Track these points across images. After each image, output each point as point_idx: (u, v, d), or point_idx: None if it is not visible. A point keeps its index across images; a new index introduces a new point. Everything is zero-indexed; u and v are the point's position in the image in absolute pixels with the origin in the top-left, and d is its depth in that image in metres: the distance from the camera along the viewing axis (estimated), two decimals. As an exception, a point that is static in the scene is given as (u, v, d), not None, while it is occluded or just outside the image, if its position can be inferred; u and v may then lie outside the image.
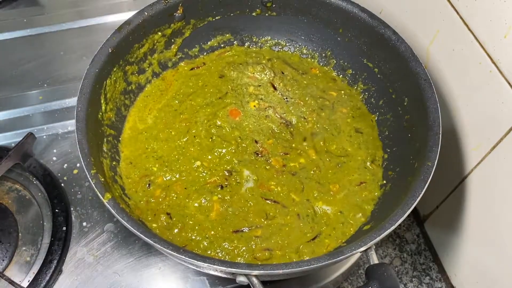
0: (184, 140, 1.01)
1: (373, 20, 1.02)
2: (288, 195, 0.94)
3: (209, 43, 1.17)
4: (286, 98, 1.09)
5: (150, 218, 0.91)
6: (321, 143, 1.02)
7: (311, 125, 1.04)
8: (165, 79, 1.12)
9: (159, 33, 1.07)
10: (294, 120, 1.05)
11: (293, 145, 1.01)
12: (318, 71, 1.15)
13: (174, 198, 0.94)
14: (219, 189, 0.94)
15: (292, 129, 1.04)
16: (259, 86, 1.11)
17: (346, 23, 1.07)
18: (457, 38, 0.94)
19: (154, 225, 0.90)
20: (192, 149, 1.00)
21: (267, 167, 0.98)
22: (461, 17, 0.92)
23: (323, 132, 1.03)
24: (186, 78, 1.12)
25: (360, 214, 0.92)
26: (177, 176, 0.96)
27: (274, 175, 0.97)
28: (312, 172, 0.97)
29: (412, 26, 1.08)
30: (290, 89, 1.10)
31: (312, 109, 1.07)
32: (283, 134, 1.03)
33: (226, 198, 0.93)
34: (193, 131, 1.02)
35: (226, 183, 0.95)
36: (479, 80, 0.92)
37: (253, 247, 0.88)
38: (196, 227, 0.90)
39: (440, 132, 0.87)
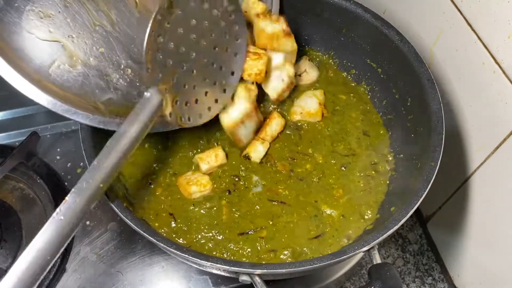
0: (186, 141, 1.01)
1: (376, 20, 1.02)
2: (297, 198, 0.94)
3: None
4: None
5: (152, 217, 0.91)
6: (330, 145, 1.01)
7: (320, 129, 1.04)
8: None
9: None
10: (305, 125, 1.04)
11: (299, 148, 1.01)
12: (331, 73, 1.14)
13: (178, 197, 0.94)
14: (227, 193, 0.94)
15: (302, 131, 1.03)
16: None
17: (350, 23, 1.07)
18: (460, 38, 0.94)
19: (156, 224, 0.90)
20: (195, 151, 1.00)
21: (275, 173, 0.97)
22: (464, 18, 0.92)
23: (333, 136, 1.02)
24: None
25: (365, 216, 0.92)
26: (183, 176, 0.96)
27: (281, 180, 0.96)
28: (318, 177, 0.97)
29: (415, 26, 1.08)
30: None
31: None
32: (292, 137, 1.02)
33: (234, 201, 0.93)
34: (195, 133, 1.02)
35: (234, 188, 0.95)
36: (482, 81, 0.92)
37: (258, 248, 0.87)
38: (201, 231, 0.89)
39: (444, 133, 0.87)
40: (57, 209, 0.68)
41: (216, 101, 0.91)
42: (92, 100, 0.86)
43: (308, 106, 1.04)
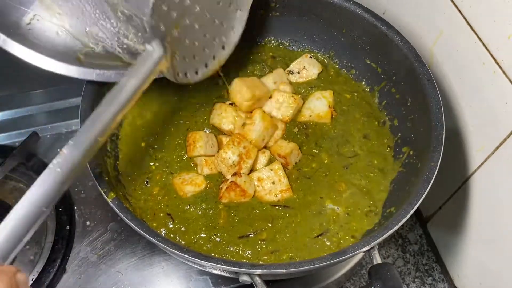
0: (182, 140, 1.00)
1: (376, 21, 1.02)
2: (304, 198, 0.93)
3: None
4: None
5: (149, 217, 0.90)
6: (335, 147, 1.01)
7: (327, 129, 1.03)
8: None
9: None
10: (312, 124, 1.04)
11: (305, 148, 1.00)
12: (332, 72, 1.14)
13: (174, 196, 0.93)
14: None
15: (310, 130, 1.03)
16: None
17: (350, 24, 1.07)
18: (460, 38, 0.94)
19: (154, 224, 0.90)
20: None
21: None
22: (464, 18, 0.92)
23: (339, 138, 1.02)
24: None
25: (367, 216, 0.92)
26: (178, 177, 0.95)
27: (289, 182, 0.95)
28: (325, 174, 0.96)
29: (415, 26, 1.08)
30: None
31: None
32: (298, 136, 1.02)
33: (232, 205, 0.92)
34: (193, 130, 1.02)
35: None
36: (482, 81, 0.91)
37: (259, 250, 0.87)
38: (199, 233, 0.89)
39: (444, 133, 0.87)
40: (54, 161, 0.67)
41: (214, 57, 0.91)
42: (72, 52, 0.84)
43: (318, 108, 1.03)
